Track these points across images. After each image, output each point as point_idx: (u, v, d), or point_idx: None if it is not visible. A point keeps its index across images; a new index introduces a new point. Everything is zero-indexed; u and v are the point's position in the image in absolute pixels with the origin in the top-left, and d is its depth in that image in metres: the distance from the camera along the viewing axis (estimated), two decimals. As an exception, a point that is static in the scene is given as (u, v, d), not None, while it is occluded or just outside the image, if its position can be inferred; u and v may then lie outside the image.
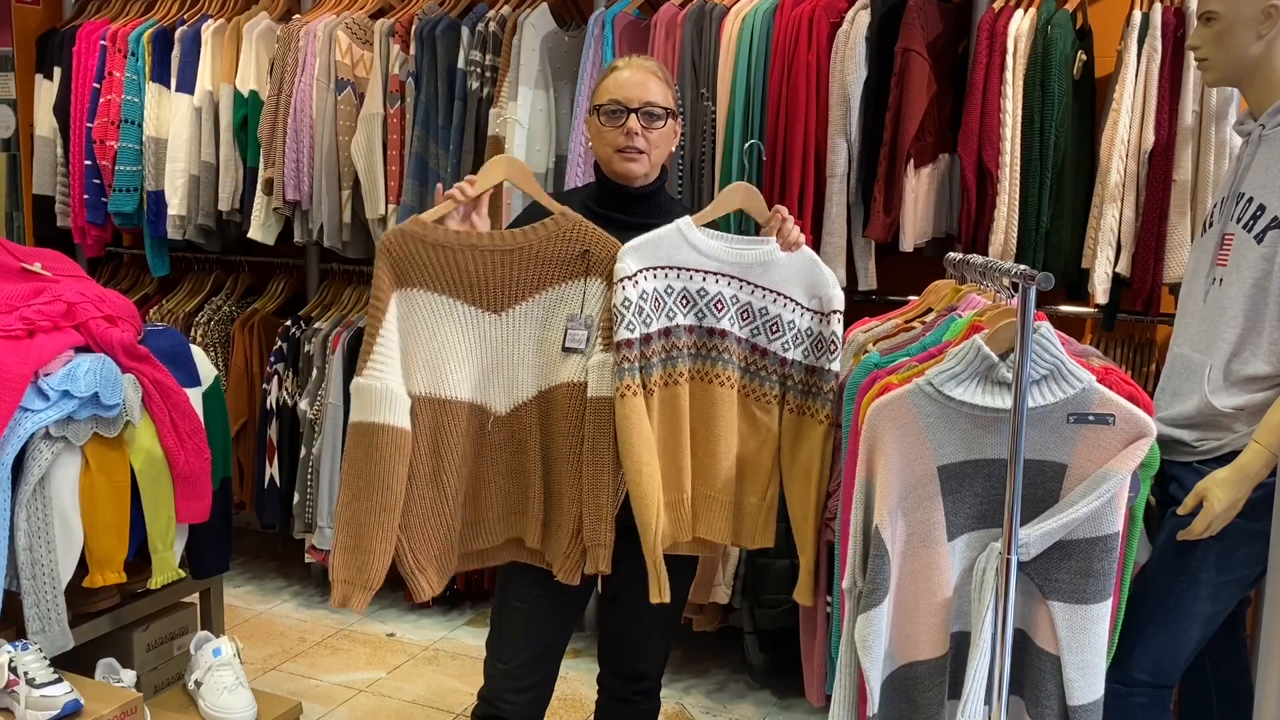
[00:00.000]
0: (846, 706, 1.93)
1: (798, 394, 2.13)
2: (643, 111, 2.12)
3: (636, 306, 2.05)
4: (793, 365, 2.12)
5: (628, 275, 2.05)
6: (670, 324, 2.09)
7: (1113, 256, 2.87)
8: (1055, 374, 1.81)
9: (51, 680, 2.35)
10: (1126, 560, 1.97)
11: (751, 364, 2.13)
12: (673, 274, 2.08)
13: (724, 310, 2.10)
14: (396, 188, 3.59)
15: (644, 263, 2.07)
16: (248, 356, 3.97)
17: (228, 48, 3.86)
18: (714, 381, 2.11)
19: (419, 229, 2.04)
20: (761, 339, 2.12)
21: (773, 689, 3.34)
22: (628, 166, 2.13)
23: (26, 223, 4.40)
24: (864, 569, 1.88)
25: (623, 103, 2.12)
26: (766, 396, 2.14)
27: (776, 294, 2.11)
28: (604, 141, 2.15)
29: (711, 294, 2.10)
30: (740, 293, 2.11)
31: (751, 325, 2.12)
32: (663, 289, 2.08)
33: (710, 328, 2.11)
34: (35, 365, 2.47)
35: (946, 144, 3.06)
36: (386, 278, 2.03)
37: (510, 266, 2.07)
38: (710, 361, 2.11)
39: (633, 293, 2.05)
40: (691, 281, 2.09)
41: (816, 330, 2.12)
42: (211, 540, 2.87)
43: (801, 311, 2.12)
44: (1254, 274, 2.09)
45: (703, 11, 3.18)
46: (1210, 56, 2.20)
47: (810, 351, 2.12)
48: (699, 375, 2.12)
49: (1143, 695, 2.18)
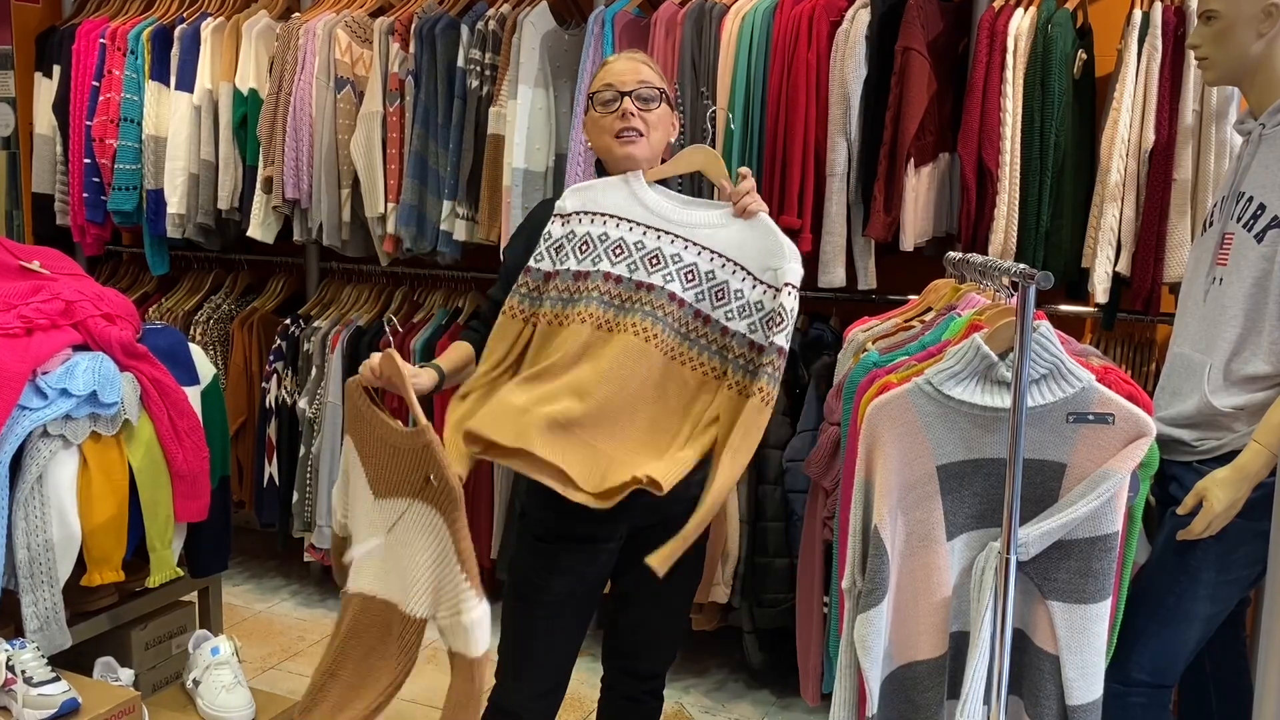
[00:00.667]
0: (846, 707, 1.93)
1: (739, 370, 2.01)
2: (636, 94, 2.09)
3: (556, 243, 2.04)
4: (734, 337, 2.01)
5: (561, 214, 2.05)
6: (592, 268, 2.02)
7: (1113, 256, 2.87)
8: (1055, 373, 1.81)
9: (49, 679, 2.35)
10: (1126, 560, 1.96)
11: (691, 330, 2.02)
12: (611, 222, 2.05)
13: (660, 265, 2.02)
14: (396, 186, 3.58)
15: (583, 206, 2.06)
16: (247, 355, 3.97)
17: (227, 46, 3.85)
18: (630, 330, 1.99)
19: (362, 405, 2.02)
20: (705, 304, 2.03)
21: (771, 688, 3.34)
22: (627, 150, 2.09)
23: (26, 221, 4.39)
24: (863, 569, 1.88)
25: (615, 86, 2.09)
26: (703, 366, 2.02)
27: (726, 259, 2.04)
28: (601, 129, 2.12)
29: (649, 248, 2.04)
30: (685, 253, 2.04)
31: (696, 289, 2.03)
32: (596, 235, 2.04)
33: (640, 281, 2.02)
34: (33, 363, 2.47)
35: (946, 143, 3.06)
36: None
37: (393, 459, 1.99)
38: (629, 313, 2.00)
39: (559, 230, 2.05)
40: (630, 233, 2.04)
41: (767, 305, 2.01)
42: (210, 539, 2.86)
43: (753, 282, 2.03)
44: (1254, 273, 2.08)
45: (703, 10, 3.17)
46: (1211, 55, 2.20)
47: (757, 325, 2.01)
48: (608, 324, 2.00)
49: (1142, 695, 2.18)
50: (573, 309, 2.02)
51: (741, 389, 2.00)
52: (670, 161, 2.14)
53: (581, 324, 2.00)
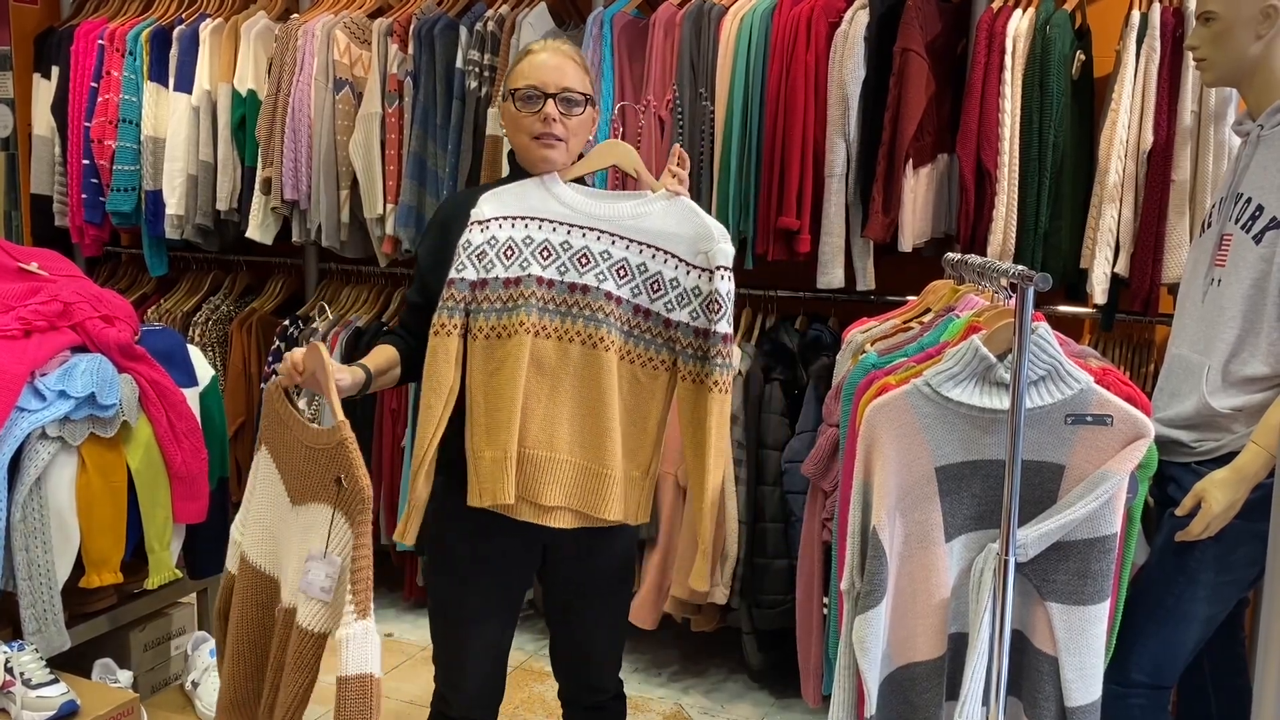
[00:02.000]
0: (845, 708, 1.92)
1: (690, 360, 1.99)
2: (560, 97, 2.02)
3: (478, 250, 1.97)
4: (679, 328, 1.99)
5: (479, 220, 1.98)
6: (522, 274, 1.97)
7: (1111, 257, 2.87)
8: (1053, 375, 1.81)
9: (48, 681, 2.35)
10: (1124, 561, 1.96)
11: (634, 326, 2.01)
12: (533, 224, 2.00)
13: (590, 265, 1.99)
14: (395, 187, 3.58)
15: (501, 211, 1.99)
16: (245, 356, 3.97)
17: (226, 47, 3.85)
18: (588, 343, 1.98)
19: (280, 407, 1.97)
20: (643, 299, 2.00)
21: (770, 689, 3.34)
22: (545, 153, 2.03)
23: (24, 222, 4.39)
24: (862, 570, 1.87)
25: (539, 87, 2.01)
26: (653, 361, 2.01)
27: (655, 249, 2.00)
28: (519, 128, 2.04)
29: (576, 248, 1.99)
30: (613, 248, 2.00)
31: (631, 284, 2.00)
32: (520, 239, 1.99)
33: (572, 283, 1.98)
34: (32, 365, 2.47)
35: (945, 144, 3.06)
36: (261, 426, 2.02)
37: (308, 463, 1.91)
38: (573, 319, 1.98)
39: (478, 237, 1.97)
40: (555, 234, 1.99)
41: (704, 289, 1.98)
42: (208, 540, 2.86)
43: (686, 268, 1.99)
44: (1252, 274, 2.08)
45: (701, 11, 3.17)
46: (1209, 57, 2.20)
47: (699, 312, 1.98)
48: (555, 332, 1.98)
49: (1141, 696, 2.18)
50: (512, 318, 1.96)
51: (696, 378, 2.00)
52: (584, 159, 2.09)
53: (525, 334, 1.95)
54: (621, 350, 2.00)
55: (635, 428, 2.02)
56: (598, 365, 1.98)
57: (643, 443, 2.03)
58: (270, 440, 2.01)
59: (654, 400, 2.02)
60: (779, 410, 3.16)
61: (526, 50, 2.08)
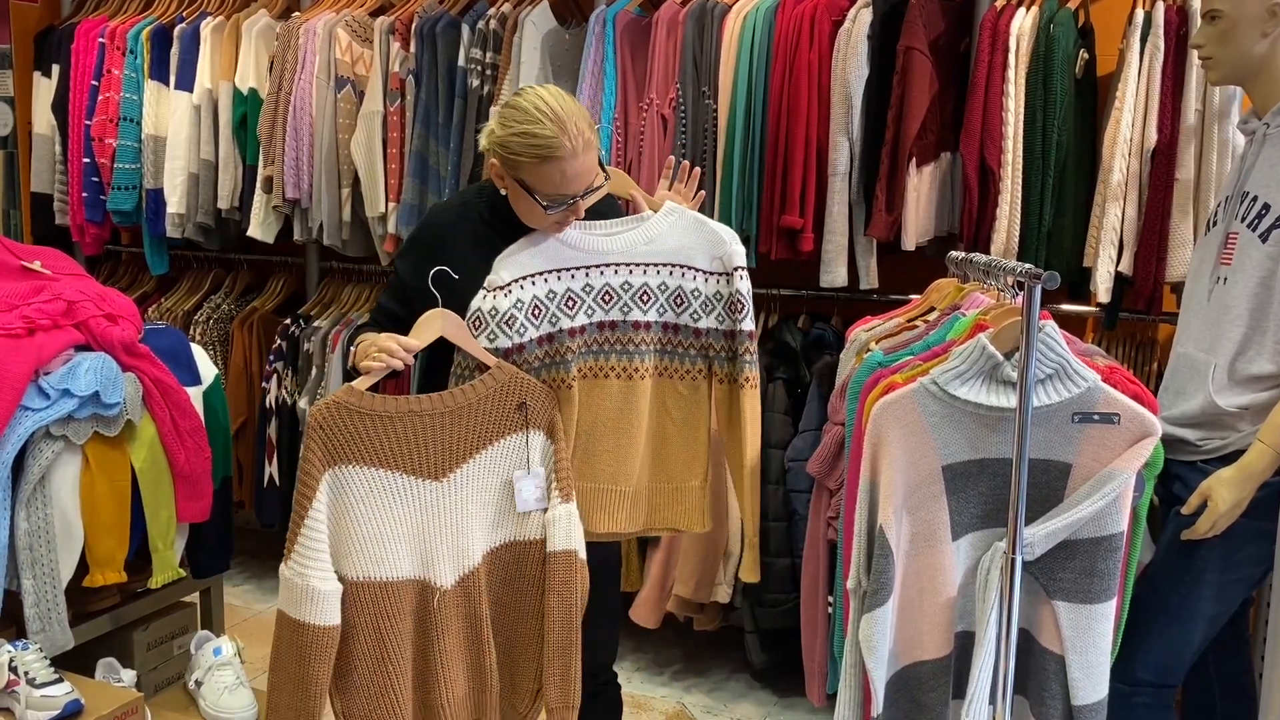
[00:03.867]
0: (851, 706, 1.92)
1: (723, 362, 2.09)
2: (586, 193, 1.98)
3: (506, 317, 1.98)
4: (710, 334, 2.08)
5: (500, 285, 1.98)
6: (553, 329, 2.02)
7: (1115, 255, 2.87)
8: (1060, 373, 1.81)
9: (52, 680, 2.34)
10: (1130, 560, 1.96)
11: (667, 343, 2.08)
12: (553, 277, 2.01)
13: (614, 300, 2.04)
14: (396, 186, 3.58)
15: (520, 272, 2.00)
16: (247, 355, 3.97)
17: (227, 45, 3.85)
18: (611, 375, 2.05)
19: (352, 399, 1.94)
20: (669, 315, 2.07)
21: (773, 688, 3.34)
22: (559, 230, 2.03)
23: (25, 221, 4.39)
24: (868, 568, 1.87)
25: (571, 195, 1.96)
26: (690, 373, 2.09)
27: (673, 266, 2.05)
28: (536, 217, 2.00)
29: (598, 287, 2.03)
30: (632, 277, 2.04)
31: (656, 305, 2.06)
32: (543, 295, 2.01)
33: (600, 322, 2.04)
34: (35, 364, 2.46)
35: (948, 142, 3.06)
36: (317, 457, 1.92)
37: (449, 429, 1.97)
38: (604, 355, 2.05)
39: (504, 303, 1.98)
40: (575, 280, 2.03)
41: (725, 292, 2.06)
42: (212, 539, 2.86)
43: (703, 277, 2.06)
44: (1259, 273, 2.08)
45: (704, 10, 3.17)
46: (1214, 55, 2.20)
47: (724, 316, 2.07)
48: (590, 372, 2.05)
49: (1146, 695, 2.18)
50: (554, 374, 2.03)
51: (730, 378, 2.10)
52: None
53: (570, 389, 2.03)
54: (658, 370, 2.09)
55: (688, 439, 2.12)
56: (631, 394, 2.06)
57: (697, 452, 2.13)
58: (354, 454, 1.94)
59: (699, 409, 2.12)
60: (782, 409, 3.16)
61: (552, 154, 1.91)
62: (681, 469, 2.12)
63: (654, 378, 2.08)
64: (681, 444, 2.11)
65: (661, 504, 2.13)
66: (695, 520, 2.15)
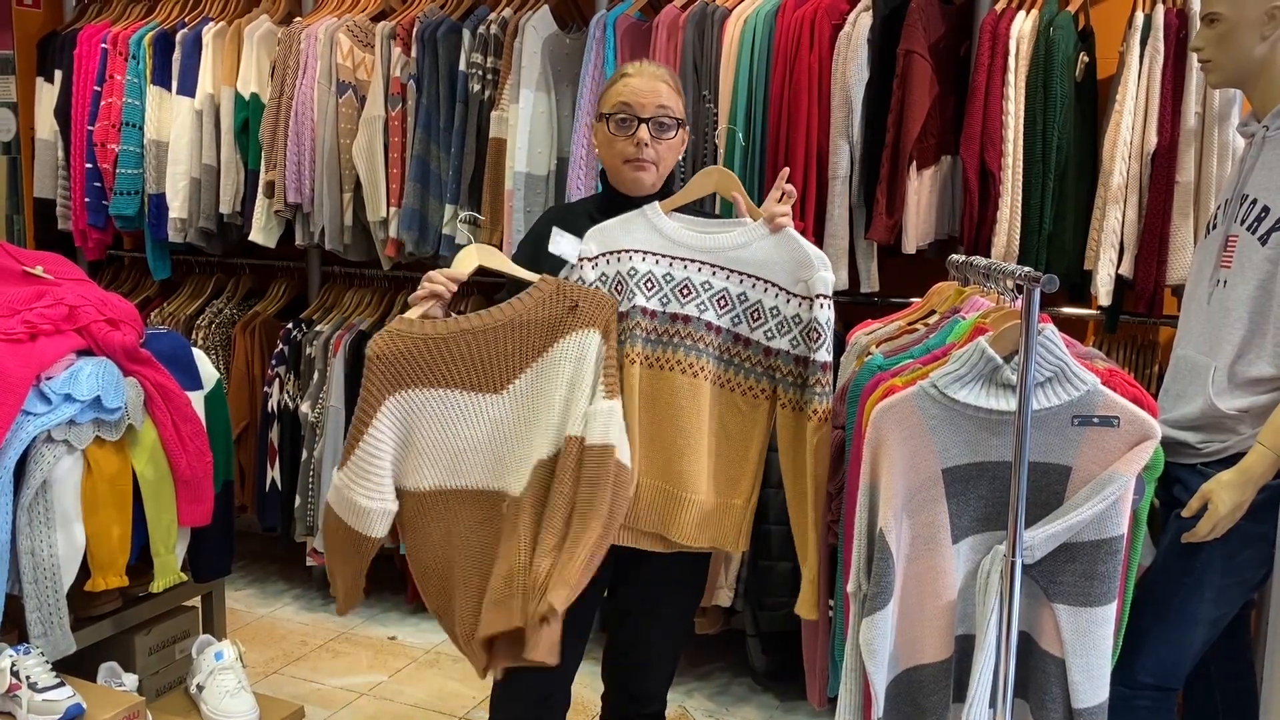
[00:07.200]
0: (851, 710, 1.92)
1: (790, 388, 2.04)
2: (654, 121, 2.07)
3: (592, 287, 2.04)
4: (779, 355, 2.04)
5: (588, 257, 2.05)
6: (629, 306, 2.04)
7: (1115, 258, 2.87)
8: (1060, 376, 1.81)
9: (54, 684, 2.35)
10: (1131, 563, 1.96)
11: (733, 354, 2.06)
12: (637, 257, 2.05)
13: (691, 296, 2.04)
14: (398, 190, 3.59)
15: (607, 247, 2.06)
16: (249, 359, 3.97)
17: (228, 50, 3.86)
18: (677, 369, 2.04)
19: (405, 327, 2.01)
20: (743, 327, 2.05)
21: (775, 692, 3.34)
22: (637, 176, 2.09)
23: (27, 226, 4.40)
24: (868, 572, 1.87)
25: (634, 110, 2.07)
26: (753, 390, 2.06)
27: (756, 278, 2.04)
28: (613, 151, 2.10)
29: (678, 279, 2.05)
30: (714, 279, 2.05)
31: (731, 313, 2.05)
32: (625, 271, 2.04)
33: (674, 313, 2.04)
34: (37, 368, 2.47)
35: (949, 146, 3.06)
36: (377, 384, 1.99)
37: (503, 342, 2.02)
38: (673, 349, 2.04)
39: (590, 274, 2.04)
40: (658, 266, 2.05)
41: (804, 318, 2.02)
42: (213, 543, 2.86)
43: (786, 297, 2.03)
44: (1259, 275, 2.08)
45: (704, 14, 3.17)
46: (1214, 58, 2.20)
47: (799, 340, 2.03)
48: (657, 362, 2.04)
49: (1147, 698, 2.17)
50: (622, 349, 2.03)
51: (796, 406, 2.04)
52: (685, 189, 2.13)
53: (632, 365, 2.02)
54: (716, 377, 2.05)
55: (736, 455, 2.06)
56: (696, 393, 2.03)
57: (744, 470, 2.07)
58: (416, 377, 2.00)
59: (755, 428, 2.06)
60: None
61: (621, 73, 2.13)
62: (727, 485, 2.06)
63: (712, 384, 2.05)
64: (730, 460, 2.06)
65: (712, 517, 2.07)
66: (733, 540, 2.08)
